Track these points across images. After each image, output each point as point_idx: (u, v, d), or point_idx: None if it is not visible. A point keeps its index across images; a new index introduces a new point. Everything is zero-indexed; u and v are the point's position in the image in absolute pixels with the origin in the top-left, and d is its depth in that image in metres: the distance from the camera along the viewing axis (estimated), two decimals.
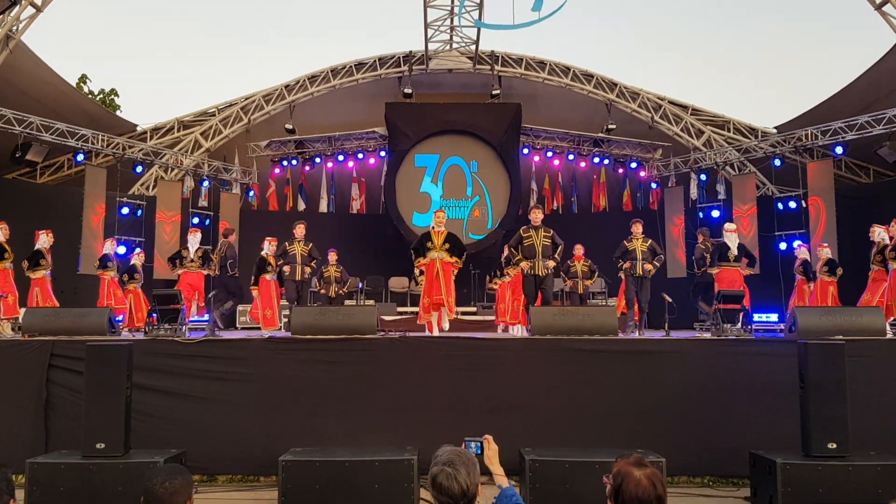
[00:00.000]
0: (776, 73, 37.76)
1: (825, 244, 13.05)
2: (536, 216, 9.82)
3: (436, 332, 9.36)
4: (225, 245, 11.65)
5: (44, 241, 11.32)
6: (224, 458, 6.87)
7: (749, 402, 6.88)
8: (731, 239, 10.70)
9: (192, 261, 11.38)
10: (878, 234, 11.11)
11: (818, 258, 12.58)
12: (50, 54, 14.02)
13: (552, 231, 9.78)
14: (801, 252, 13.58)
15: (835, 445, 5.68)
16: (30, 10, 13.18)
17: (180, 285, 11.00)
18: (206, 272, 11.60)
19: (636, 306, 10.97)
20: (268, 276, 11.82)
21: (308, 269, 11.50)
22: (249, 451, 6.85)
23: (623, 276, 11.17)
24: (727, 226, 11.06)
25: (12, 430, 6.97)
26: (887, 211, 13.99)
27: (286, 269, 11.34)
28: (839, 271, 12.22)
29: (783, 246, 15.51)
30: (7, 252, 10.56)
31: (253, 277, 11.93)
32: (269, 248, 11.97)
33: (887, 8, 12.69)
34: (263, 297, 11.74)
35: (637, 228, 10.89)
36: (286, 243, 11.52)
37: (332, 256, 13.54)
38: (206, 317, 11.70)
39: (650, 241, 10.89)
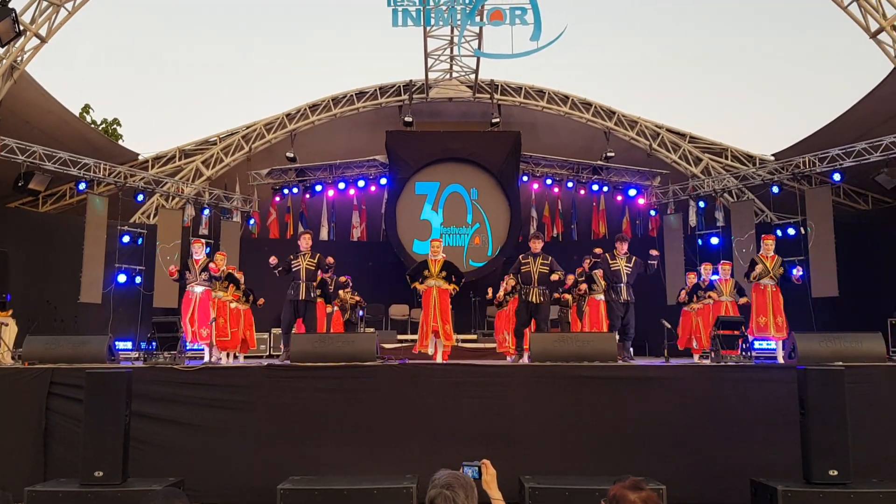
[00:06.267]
0: (774, 100, 38.03)
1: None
2: (536, 245, 9.77)
3: (438, 360, 9.35)
4: None
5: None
6: (222, 487, 6.83)
7: (749, 428, 6.86)
8: None
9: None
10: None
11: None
12: (53, 84, 14.15)
13: (550, 258, 9.69)
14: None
15: (836, 472, 5.67)
16: (34, 42, 13.32)
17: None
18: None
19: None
20: None
21: (314, 284, 9.70)
22: (248, 480, 6.83)
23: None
24: None
25: (11, 458, 6.96)
26: (886, 237, 14.09)
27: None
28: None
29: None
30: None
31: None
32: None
33: (882, 36, 12.83)
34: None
35: (622, 248, 9.76)
36: (290, 256, 9.76)
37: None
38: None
39: (634, 258, 9.80)
